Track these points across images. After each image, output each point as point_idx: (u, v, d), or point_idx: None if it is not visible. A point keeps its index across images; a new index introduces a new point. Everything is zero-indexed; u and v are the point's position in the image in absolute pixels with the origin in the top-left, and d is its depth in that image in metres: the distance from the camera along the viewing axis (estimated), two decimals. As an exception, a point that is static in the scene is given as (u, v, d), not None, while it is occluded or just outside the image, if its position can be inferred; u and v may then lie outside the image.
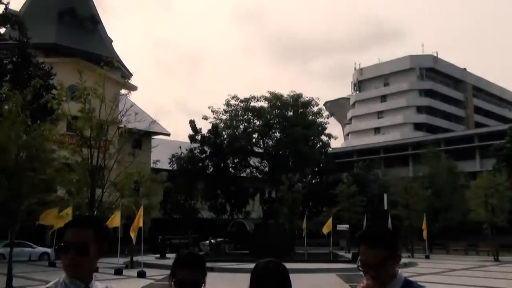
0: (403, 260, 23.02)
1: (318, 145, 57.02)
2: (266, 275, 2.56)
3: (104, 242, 2.44)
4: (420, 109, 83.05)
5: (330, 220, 38.13)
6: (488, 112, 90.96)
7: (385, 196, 39.65)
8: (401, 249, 2.56)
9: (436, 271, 22.60)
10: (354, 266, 20.00)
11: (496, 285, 17.61)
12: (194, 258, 2.65)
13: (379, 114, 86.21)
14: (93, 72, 19.16)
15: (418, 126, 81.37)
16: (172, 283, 2.64)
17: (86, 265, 2.35)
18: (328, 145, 59.01)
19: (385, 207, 47.53)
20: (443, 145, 60.50)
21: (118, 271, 21.17)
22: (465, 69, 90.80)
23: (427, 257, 34.85)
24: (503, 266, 28.74)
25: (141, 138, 36.79)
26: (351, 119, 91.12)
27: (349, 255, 32.38)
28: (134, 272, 20.96)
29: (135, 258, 25.69)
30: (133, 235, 21.63)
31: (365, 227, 39.12)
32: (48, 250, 31.85)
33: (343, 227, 47.75)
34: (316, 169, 61.57)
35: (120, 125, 19.90)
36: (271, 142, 55.43)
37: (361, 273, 2.46)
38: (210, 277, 2.75)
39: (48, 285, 2.34)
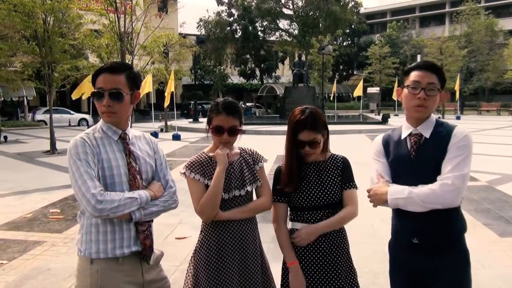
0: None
1: (350, 5, 54.25)
2: (303, 117, 2.53)
3: (136, 90, 2.41)
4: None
5: (360, 83, 37.65)
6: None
7: (419, 57, 38.47)
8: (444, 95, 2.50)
9: (467, 131, 22.61)
10: (384, 127, 20.34)
11: (528, 143, 17.58)
12: (231, 104, 2.61)
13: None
14: None
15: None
16: (210, 131, 2.63)
17: (121, 111, 2.34)
18: (360, 4, 56.08)
19: (418, 68, 46.49)
20: (483, 1, 56.93)
21: (154, 135, 21.96)
22: None
23: (458, 118, 34.70)
24: (536, 125, 28.55)
25: (166, 1, 35.74)
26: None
27: (378, 117, 32.54)
28: (169, 135, 21.78)
29: (169, 123, 26.54)
30: (167, 98, 22.00)
31: (395, 89, 38.88)
32: (86, 116, 33.04)
33: (374, 89, 47.45)
34: (348, 30, 59.47)
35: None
36: (300, 2, 53.02)
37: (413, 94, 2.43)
38: (242, 139, 2.73)
39: (87, 130, 2.37)
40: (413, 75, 2.46)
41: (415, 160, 2.43)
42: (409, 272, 2.48)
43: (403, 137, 2.53)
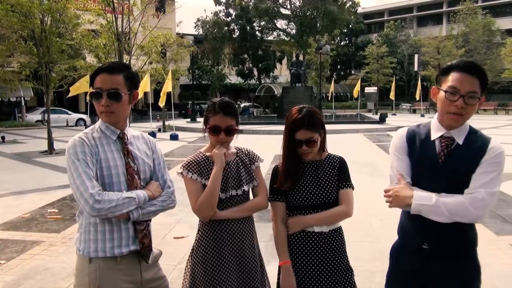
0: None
1: (348, 5, 54.31)
2: (300, 116, 2.54)
3: (135, 90, 2.43)
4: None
5: (358, 83, 37.75)
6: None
7: (416, 56, 38.63)
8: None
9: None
10: (381, 126, 20.26)
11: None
12: (227, 104, 2.62)
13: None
14: None
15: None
16: (207, 131, 2.64)
17: (119, 111, 2.35)
18: (358, 4, 56.16)
19: (415, 68, 46.73)
20: (480, 1, 57.04)
21: (152, 135, 21.95)
22: None
23: (456, 117, 34.69)
24: (533, 124, 28.62)
25: (164, 1, 35.76)
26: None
27: (376, 117, 32.61)
28: (167, 135, 21.78)
29: (166, 123, 26.53)
30: (162, 97, 21.99)
31: (393, 89, 38.94)
32: (84, 116, 33.04)
33: (371, 89, 47.54)
34: (345, 30, 59.52)
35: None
36: (298, 2, 53.07)
37: (448, 99, 2.23)
38: (241, 139, 2.74)
39: (85, 130, 2.38)
40: (452, 78, 2.24)
41: (443, 166, 2.26)
42: (412, 279, 2.38)
43: (432, 138, 2.34)
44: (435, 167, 2.28)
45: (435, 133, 2.34)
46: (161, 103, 22.43)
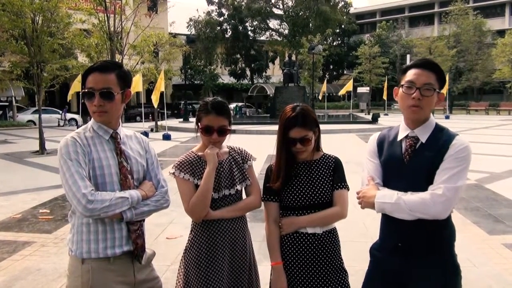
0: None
1: (340, 5, 54.48)
2: (294, 114, 2.53)
3: (127, 89, 2.41)
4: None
5: (350, 82, 37.84)
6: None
7: (408, 57, 38.69)
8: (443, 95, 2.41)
9: (456, 131, 22.88)
10: (374, 126, 20.36)
11: (516, 142, 17.75)
12: (220, 104, 2.60)
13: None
14: None
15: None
16: (199, 130, 2.63)
17: (112, 110, 2.33)
18: (350, 4, 56.39)
19: (408, 68, 46.73)
20: (471, 2, 57.39)
21: (144, 134, 21.72)
22: None
23: (447, 117, 34.96)
24: (523, 124, 28.82)
25: (156, 0, 35.69)
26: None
27: (368, 117, 32.71)
28: (159, 135, 21.70)
29: (159, 123, 26.46)
30: (154, 98, 21.89)
31: (385, 89, 39.11)
32: (76, 116, 32.86)
33: (364, 89, 47.69)
34: (338, 30, 59.66)
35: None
36: (290, 2, 53.15)
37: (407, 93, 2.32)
38: (233, 139, 2.73)
39: (77, 130, 2.35)
40: (409, 74, 2.34)
41: (408, 165, 2.32)
42: (391, 278, 2.39)
43: (399, 138, 2.41)
44: (400, 167, 2.35)
45: (401, 134, 2.42)
46: (156, 102, 22.25)
